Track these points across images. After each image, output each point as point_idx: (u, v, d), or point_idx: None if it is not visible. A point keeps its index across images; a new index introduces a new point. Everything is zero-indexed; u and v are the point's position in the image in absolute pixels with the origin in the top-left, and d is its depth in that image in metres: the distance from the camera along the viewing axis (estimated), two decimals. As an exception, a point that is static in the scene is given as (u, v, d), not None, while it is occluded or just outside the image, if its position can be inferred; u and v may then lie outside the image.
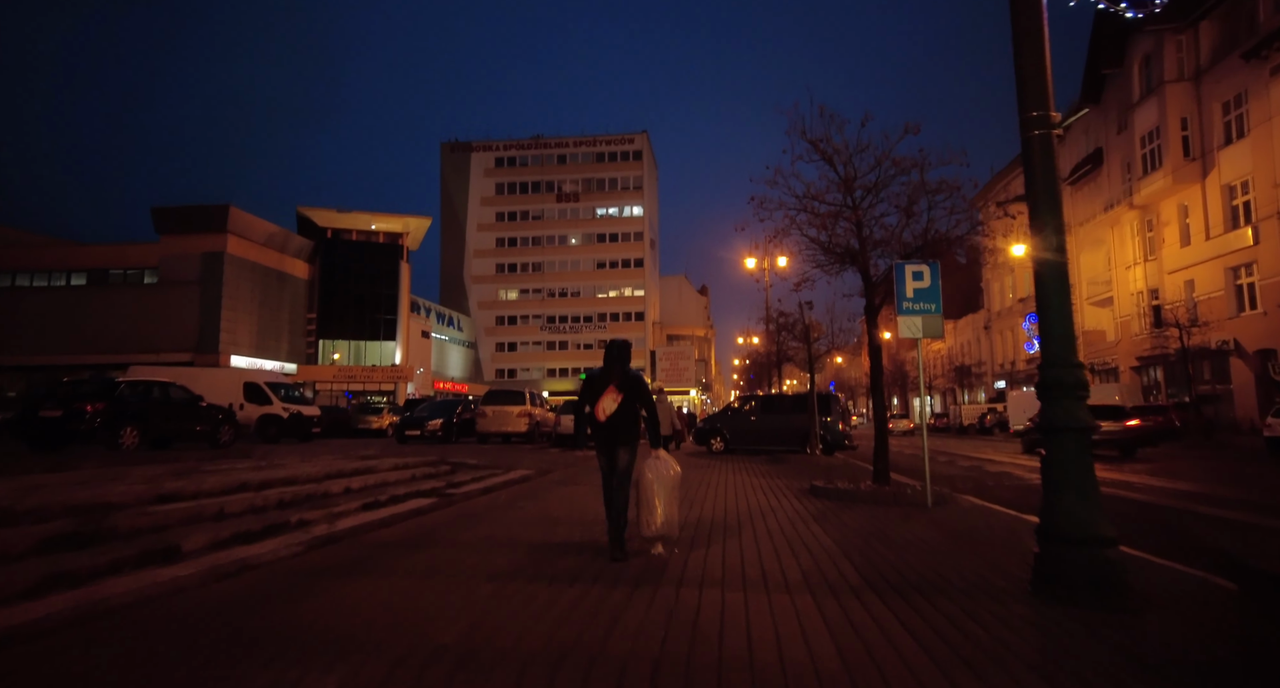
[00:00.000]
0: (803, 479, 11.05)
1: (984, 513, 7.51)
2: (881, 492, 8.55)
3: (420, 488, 8.09)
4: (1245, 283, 25.01)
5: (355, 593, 3.87)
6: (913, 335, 8.35)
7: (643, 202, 74.54)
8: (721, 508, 7.55)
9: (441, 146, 76.54)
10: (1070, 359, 3.99)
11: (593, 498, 7.87)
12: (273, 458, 11.05)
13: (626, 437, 5.02)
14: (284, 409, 19.72)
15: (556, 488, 9.10)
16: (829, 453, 17.26)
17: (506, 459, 13.48)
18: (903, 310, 8.36)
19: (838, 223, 9.18)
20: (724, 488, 9.56)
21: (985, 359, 50.02)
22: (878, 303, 9.39)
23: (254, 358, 37.00)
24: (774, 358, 25.27)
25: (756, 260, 28.42)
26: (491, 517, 6.67)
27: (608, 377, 5.03)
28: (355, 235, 46.71)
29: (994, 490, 10.49)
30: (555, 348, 73.01)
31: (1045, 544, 3.90)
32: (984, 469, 14.88)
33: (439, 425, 18.61)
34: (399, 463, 9.98)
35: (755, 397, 19.29)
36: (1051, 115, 4.03)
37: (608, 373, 5.04)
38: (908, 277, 8.36)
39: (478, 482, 9.25)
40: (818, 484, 9.29)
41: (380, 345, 46.02)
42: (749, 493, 9.04)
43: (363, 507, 6.68)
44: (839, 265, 9.52)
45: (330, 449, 16.12)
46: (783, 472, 12.57)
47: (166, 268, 34.73)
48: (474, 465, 11.43)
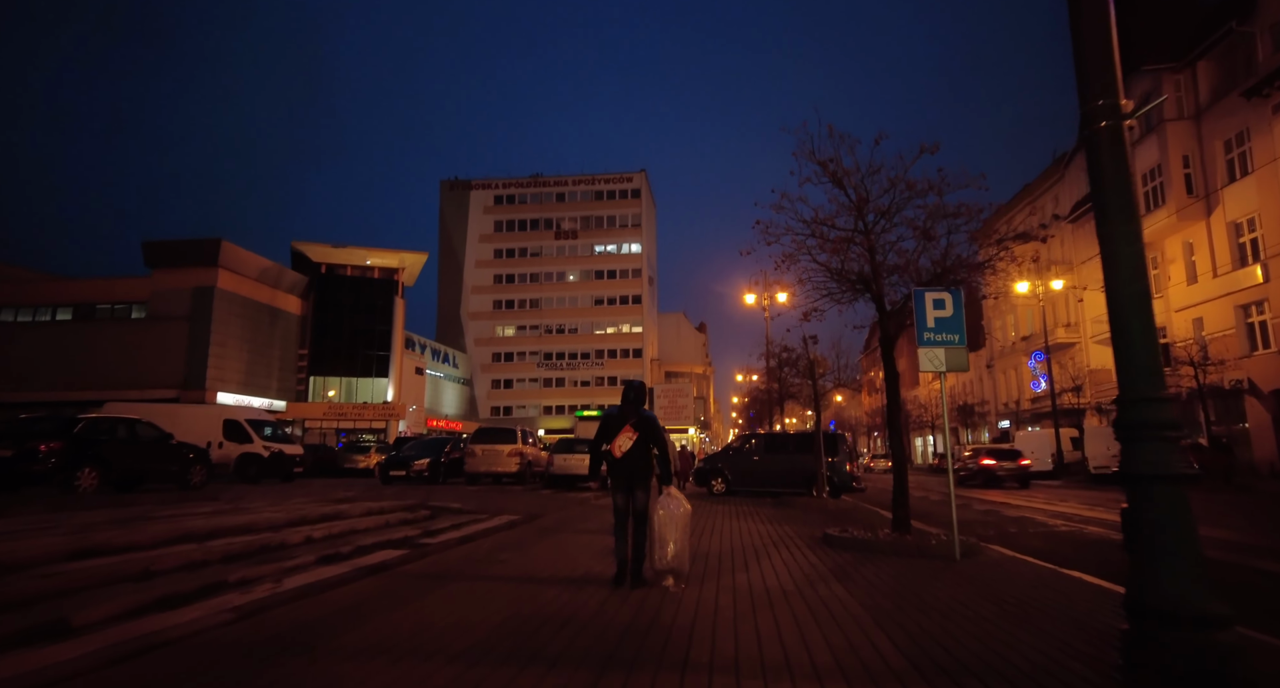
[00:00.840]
0: (814, 526, 10.23)
1: (1021, 568, 6.71)
2: (903, 542, 7.76)
3: (391, 537, 7.27)
4: (1257, 321, 24.47)
5: (280, 681, 3.09)
6: (934, 369, 7.67)
7: (641, 239, 74.68)
8: (729, 561, 6.74)
9: (441, 184, 77.02)
10: (1156, 393, 3.30)
11: (583, 550, 7.07)
12: (241, 501, 10.24)
13: (641, 474, 5.29)
14: (265, 448, 18.86)
15: (544, 537, 8.27)
16: (835, 496, 16.40)
17: (494, 502, 12.62)
18: (924, 342, 7.70)
19: (849, 248, 8.59)
20: (730, 536, 8.74)
21: (988, 399, 49.24)
22: (893, 334, 8.73)
23: (242, 395, 36.14)
24: (775, 395, 24.53)
25: (756, 296, 28.12)
26: (467, 573, 5.86)
27: (624, 416, 5.28)
28: (350, 271, 46.27)
29: (1020, 539, 9.66)
30: (552, 385, 72.13)
31: (1137, 622, 3.13)
32: (1001, 514, 14.03)
33: (425, 465, 17.71)
34: (373, 508, 9.17)
35: (758, 435, 18.49)
36: (1122, 104, 3.42)
37: (624, 413, 5.29)
38: (928, 305, 7.73)
39: (457, 529, 8.43)
40: (832, 533, 8.48)
41: (372, 382, 45.17)
42: (758, 544, 8.23)
43: (320, 560, 5.88)
44: (850, 294, 8.90)
45: (309, 491, 15.24)
46: (791, 517, 11.72)
47: (156, 303, 34.10)
48: (456, 510, 10.59)
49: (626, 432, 5.24)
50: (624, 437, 5.24)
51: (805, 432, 18.78)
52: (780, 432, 23.64)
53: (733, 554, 7.27)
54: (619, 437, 5.25)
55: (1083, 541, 9.54)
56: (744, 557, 7.08)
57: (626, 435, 5.24)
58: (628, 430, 5.25)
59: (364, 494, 13.82)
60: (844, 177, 8.47)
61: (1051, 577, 6.22)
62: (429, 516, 9.36)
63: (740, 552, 7.43)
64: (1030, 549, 8.36)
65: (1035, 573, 6.42)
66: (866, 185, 8.40)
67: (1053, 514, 13.86)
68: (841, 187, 8.50)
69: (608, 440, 5.29)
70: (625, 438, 5.23)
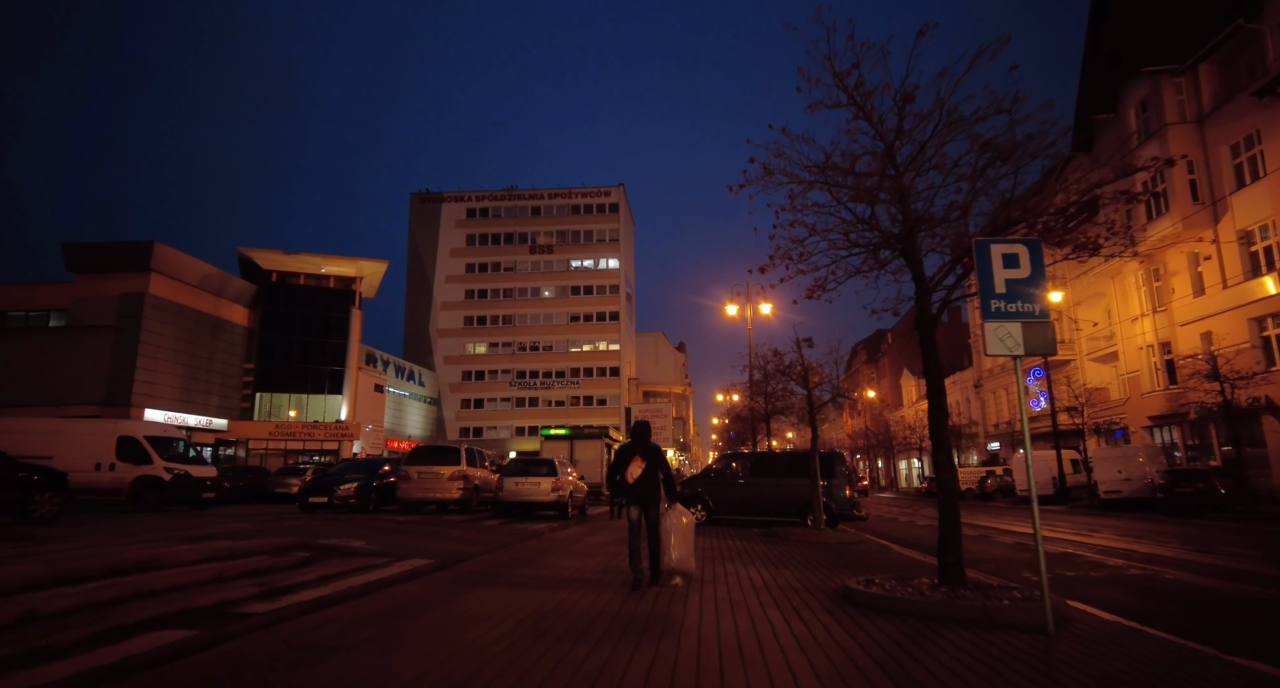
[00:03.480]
0: (821, 570, 7.81)
1: (1147, 648, 4.36)
2: (959, 601, 5.39)
3: (194, 604, 4.72)
4: (1274, 334, 22.77)
5: None
6: (1007, 353, 5.38)
7: (619, 254, 72.56)
8: (714, 645, 4.29)
9: (411, 197, 74.37)
10: None
11: (501, 628, 4.57)
12: (55, 541, 7.57)
13: (650, 495, 6.51)
14: (166, 469, 16.03)
15: (450, 599, 5.74)
16: (833, 524, 14.02)
17: (413, 540, 10.02)
18: (991, 314, 5.42)
19: (876, 195, 6.33)
20: (711, 588, 6.29)
21: (977, 420, 47.43)
22: (931, 313, 6.45)
23: (176, 412, 32.83)
24: (761, 411, 22.17)
25: (739, 307, 25.91)
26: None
27: (634, 449, 6.56)
28: (304, 280, 43.03)
29: (1091, 588, 7.34)
30: (525, 405, 69.11)
31: None
32: (1032, 547, 11.70)
33: (353, 491, 14.92)
34: (220, 550, 6.58)
35: (742, 455, 16.10)
36: None
37: (634, 446, 6.58)
38: (995, 263, 5.47)
39: (325, 584, 5.89)
40: (855, 586, 6.08)
41: (325, 400, 41.81)
42: (750, 602, 5.79)
43: (9, 661, 3.33)
44: (871, 260, 6.62)
45: (207, 520, 12.52)
46: (788, 556, 9.29)
47: (78, 311, 30.75)
48: (352, 550, 8.01)
49: (637, 461, 6.44)
50: (635, 466, 6.43)
51: (798, 451, 16.39)
52: (769, 451, 21.24)
53: (716, 621, 4.83)
54: (630, 466, 6.44)
55: (1179, 593, 7.23)
56: (732, 629, 4.64)
57: (637, 464, 6.43)
58: (638, 460, 6.45)
59: (267, 527, 11.15)
60: (867, 100, 6.25)
61: (1216, 666, 3.88)
62: (300, 562, 6.79)
63: (725, 616, 5.00)
64: (1124, 608, 6.07)
65: (1176, 657, 4.08)
66: (896, 111, 6.18)
67: (1096, 548, 11.59)
68: (862, 111, 6.27)
69: (621, 471, 6.47)
70: (636, 467, 6.43)
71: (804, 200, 6.59)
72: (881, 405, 68.72)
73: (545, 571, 7.44)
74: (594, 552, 9.46)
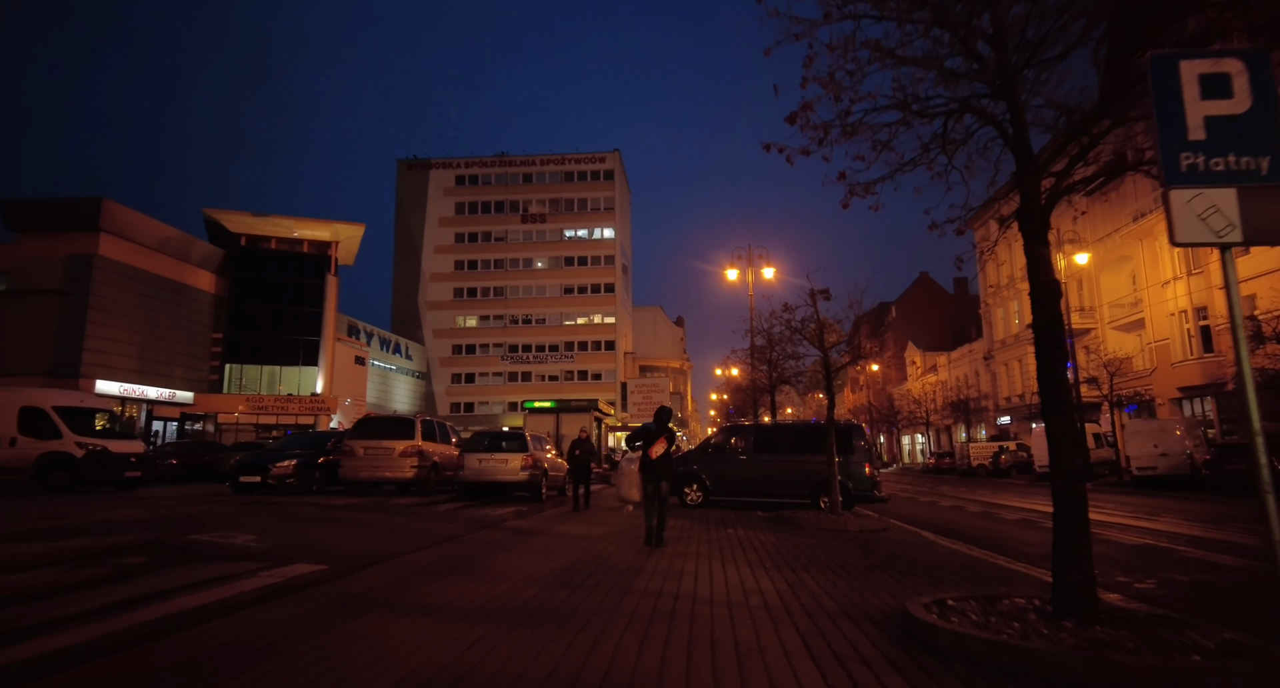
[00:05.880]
0: (857, 576, 5.71)
1: None
2: (1114, 654, 3.27)
3: None
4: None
5: None
6: (1212, 240, 3.18)
7: (614, 224, 69.83)
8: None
9: (398, 163, 71.25)
10: None
11: None
12: None
13: (666, 471, 7.93)
14: (79, 444, 13.91)
15: (288, 648, 3.63)
16: (848, 507, 11.98)
17: (325, 532, 7.91)
18: (1181, 176, 3.22)
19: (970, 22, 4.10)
20: (708, 620, 4.18)
21: (988, 392, 45.44)
22: (1043, 196, 4.27)
23: (135, 384, 30.63)
24: (762, 383, 20.03)
25: (739, 272, 23.65)
26: None
27: (659, 431, 7.95)
28: (275, 244, 40.41)
29: (1239, 608, 5.26)
30: (518, 379, 66.92)
31: None
32: (1101, 538, 9.64)
33: (290, 469, 12.77)
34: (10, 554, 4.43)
35: (744, 428, 14.03)
36: None
37: (659, 429, 7.98)
38: (1187, 90, 3.24)
39: (106, 617, 3.76)
40: (925, 616, 3.95)
41: (299, 372, 39.51)
42: (771, 646, 3.66)
43: None
44: (955, 119, 4.42)
45: (102, 505, 10.43)
46: (809, 553, 7.19)
47: (20, 273, 28.30)
48: (222, 552, 5.89)
49: (661, 442, 7.88)
50: (659, 445, 7.86)
51: (807, 424, 14.28)
52: (775, 423, 19.14)
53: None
54: (655, 445, 7.85)
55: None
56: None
57: (660, 444, 7.87)
58: (662, 441, 7.89)
59: (160, 515, 9.06)
60: None
61: None
62: (116, 574, 4.65)
63: (727, 680, 2.89)
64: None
65: None
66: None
67: (1181, 539, 9.55)
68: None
69: (646, 447, 7.91)
70: (659, 446, 7.86)
71: (854, 37, 4.37)
72: (884, 380, 66.79)
73: (479, 582, 5.34)
74: (559, 547, 7.39)
